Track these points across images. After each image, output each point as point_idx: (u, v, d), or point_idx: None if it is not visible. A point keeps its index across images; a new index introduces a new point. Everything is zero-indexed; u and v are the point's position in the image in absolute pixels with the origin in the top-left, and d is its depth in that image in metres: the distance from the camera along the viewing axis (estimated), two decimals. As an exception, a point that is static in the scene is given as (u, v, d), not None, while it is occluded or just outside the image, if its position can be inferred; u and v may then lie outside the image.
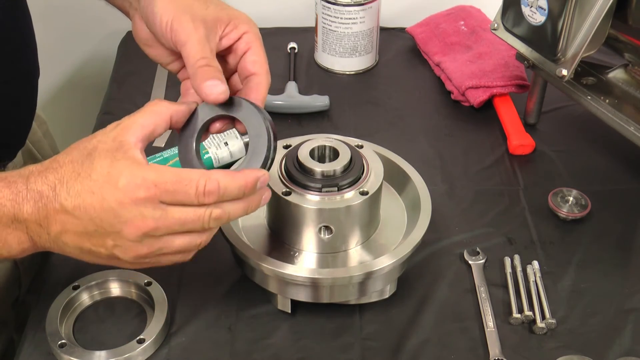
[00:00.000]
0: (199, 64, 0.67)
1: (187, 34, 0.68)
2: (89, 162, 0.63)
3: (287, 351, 0.77)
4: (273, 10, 1.33)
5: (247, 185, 0.64)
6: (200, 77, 0.67)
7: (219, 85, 0.66)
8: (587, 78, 0.97)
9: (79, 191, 0.62)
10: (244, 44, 0.72)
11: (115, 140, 0.64)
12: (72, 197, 0.62)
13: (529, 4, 0.91)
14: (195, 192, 0.62)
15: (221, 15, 0.71)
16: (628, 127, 0.89)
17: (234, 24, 0.72)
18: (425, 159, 1.00)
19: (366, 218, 0.78)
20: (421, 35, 1.21)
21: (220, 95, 0.66)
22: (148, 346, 0.75)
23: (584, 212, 0.90)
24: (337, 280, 0.74)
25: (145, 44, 0.76)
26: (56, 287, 0.80)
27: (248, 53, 0.72)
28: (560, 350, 0.76)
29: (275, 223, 0.80)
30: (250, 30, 0.72)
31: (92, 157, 0.63)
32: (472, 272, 0.84)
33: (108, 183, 0.61)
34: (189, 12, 0.69)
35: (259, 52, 0.72)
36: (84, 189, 0.62)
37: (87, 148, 0.64)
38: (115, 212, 0.61)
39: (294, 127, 1.06)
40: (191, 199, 0.62)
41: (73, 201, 0.62)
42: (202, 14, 0.70)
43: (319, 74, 1.19)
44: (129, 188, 0.61)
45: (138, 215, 0.61)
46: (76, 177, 0.62)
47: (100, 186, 0.61)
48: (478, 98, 1.07)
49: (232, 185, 0.63)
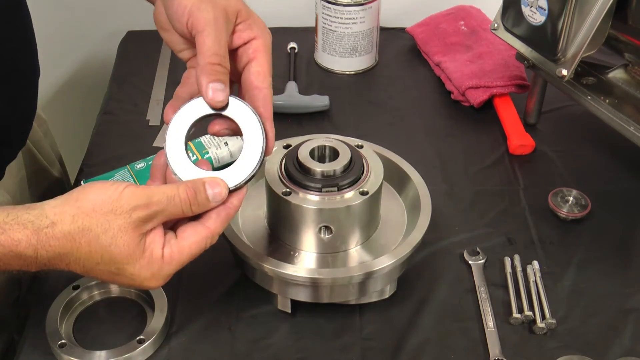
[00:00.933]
0: (211, 60, 0.67)
1: (206, 22, 0.67)
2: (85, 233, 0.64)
3: (287, 351, 0.77)
4: (273, 10, 1.32)
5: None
6: (207, 75, 0.67)
7: (221, 92, 0.67)
8: (587, 78, 0.97)
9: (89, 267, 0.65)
10: (251, 51, 0.71)
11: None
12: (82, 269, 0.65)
13: (529, 4, 0.91)
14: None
15: (242, 8, 0.70)
16: (628, 127, 0.89)
17: (249, 24, 0.71)
18: (425, 159, 1.00)
19: (366, 218, 0.78)
20: (421, 35, 1.21)
21: (219, 103, 0.67)
22: (148, 346, 0.75)
23: (584, 212, 0.90)
24: (337, 280, 0.74)
25: (161, 27, 0.74)
26: (56, 287, 0.80)
27: (253, 62, 0.71)
28: (560, 350, 0.76)
29: (275, 223, 0.80)
30: (261, 36, 0.71)
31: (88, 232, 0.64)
32: (472, 272, 0.84)
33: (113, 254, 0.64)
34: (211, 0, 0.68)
35: (263, 63, 0.71)
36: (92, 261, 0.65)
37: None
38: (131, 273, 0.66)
39: (294, 127, 1.06)
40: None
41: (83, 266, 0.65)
42: (223, 3, 0.69)
43: (319, 74, 1.19)
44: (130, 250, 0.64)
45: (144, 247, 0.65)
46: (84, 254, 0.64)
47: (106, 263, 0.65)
48: (478, 98, 1.07)
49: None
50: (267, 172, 0.77)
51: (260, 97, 0.69)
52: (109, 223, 0.63)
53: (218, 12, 0.68)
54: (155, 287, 0.68)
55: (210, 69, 0.67)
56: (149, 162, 0.93)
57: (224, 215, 0.67)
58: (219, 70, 0.67)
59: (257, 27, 0.71)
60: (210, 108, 0.68)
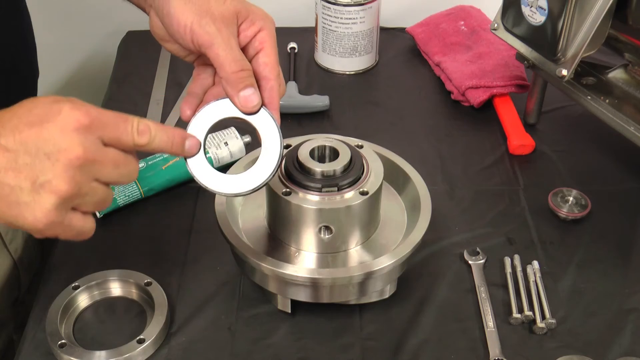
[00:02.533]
0: (232, 69, 0.67)
1: (211, 36, 0.68)
2: (28, 102, 0.61)
3: (287, 351, 0.77)
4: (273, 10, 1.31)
5: (175, 137, 0.66)
6: (234, 85, 0.68)
7: (253, 98, 0.68)
8: (587, 78, 0.97)
9: (16, 124, 0.60)
10: (257, 43, 0.71)
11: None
12: (7, 130, 0.59)
13: (529, 4, 0.91)
14: (132, 128, 0.62)
15: (239, 9, 0.70)
16: (628, 127, 0.89)
17: (251, 20, 0.71)
18: (425, 159, 1.00)
19: (366, 218, 0.78)
20: (421, 35, 1.21)
21: (254, 107, 0.68)
22: (148, 346, 0.75)
23: (584, 212, 0.90)
24: (337, 280, 0.74)
25: (161, 39, 0.75)
26: (56, 287, 0.80)
27: (260, 54, 0.71)
28: (560, 350, 0.76)
29: (275, 223, 0.80)
30: (265, 27, 0.71)
31: (32, 101, 0.61)
32: (472, 272, 0.84)
33: (50, 113, 0.60)
34: (208, 12, 0.68)
35: (270, 53, 0.71)
36: (22, 121, 0.60)
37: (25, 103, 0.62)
38: (55, 141, 0.59)
39: (294, 127, 1.06)
40: (127, 136, 0.62)
41: (7, 135, 0.59)
42: (220, 10, 0.69)
43: (319, 74, 1.19)
44: (72, 116, 0.60)
45: (79, 144, 0.60)
46: (12, 114, 0.60)
47: (40, 118, 0.60)
48: (478, 98, 1.07)
49: (162, 131, 0.64)
50: (267, 172, 0.77)
51: (267, 88, 0.70)
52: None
53: (218, 22, 0.68)
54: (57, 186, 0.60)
55: (235, 78, 0.67)
56: (149, 162, 0.93)
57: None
58: (243, 76, 0.68)
59: (259, 19, 0.71)
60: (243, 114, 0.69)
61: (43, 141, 0.59)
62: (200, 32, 0.68)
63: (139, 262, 0.83)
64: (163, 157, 0.93)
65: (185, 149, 0.67)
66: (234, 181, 0.69)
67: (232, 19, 0.69)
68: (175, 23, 0.69)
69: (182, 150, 0.67)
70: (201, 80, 0.73)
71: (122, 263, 0.82)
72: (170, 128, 0.65)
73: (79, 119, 0.60)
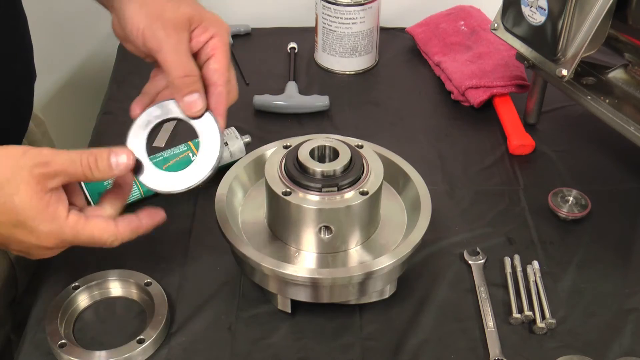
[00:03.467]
0: (178, 74, 0.69)
1: (160, 41, 0.69)
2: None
3: (287, 351, 0.77)
4: (273, 10, 1.33)
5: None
6: (179, 89, 0.69)
7: (197, 102, 0.70)
8: (587, 78, 0.97)
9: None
10: (209, 49, 0.72)
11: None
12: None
13: (529, 4, 0.91)
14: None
15: (193, 15, 0.71)
16: (628, 127, 0.89)
17: (204, 27, 0.72)
18: (425, 159, 1.00)
19: (366, 218, 0.78)
20: (421, 35, 1.21)
21: (198, 112, 0.70)
22: (148, 346, 0.75)
23: (584, 212, 0.90)
24: (337, 280, 0.74)
25: (122, 39, 0.77)
26: (56, 287, 0.80)
27: (211, 60, 0.72)
28: (560, 350, 0.76)
29: (275, 223, 0.80)
30: (218, 34, 0.72)
31: None
32: (472, 272, 0.84)
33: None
34: (160, 18, 0.70)
35: (221, 59, 0.72)
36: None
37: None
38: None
39: (294, 127, 1.06)
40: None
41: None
42: (173, 16, 0.70)
43: (319, 74, 1.19)
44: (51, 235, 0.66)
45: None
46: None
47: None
48: (478, 98, 1.07)
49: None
50: (267, 172, 0.77)
51: (215, 93, 0.71)
52: (12, 174, 0.64)
53: (169, 28, 0.70)
54: (47, 253, 0.69)
55: (180, 83, 0.69)
56: (149, 162, 0.93)
57: (134, 225, 0.70)
58: (188, 82, 0.69)
59: (212, 26, 0.72)
60: (188, 117, 0.71)
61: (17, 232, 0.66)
62: (150, 37, 0.70)
63: (139, 262, 0.83)
64: (163, 157, 0.93)
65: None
66: (169, 179, 0.71)
67: (184, 25, 0.71)
68: (130, 26, 0.71)
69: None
70: (156, 81, 0.75)
71: (122, 263, 0.82)
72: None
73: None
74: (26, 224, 0.65)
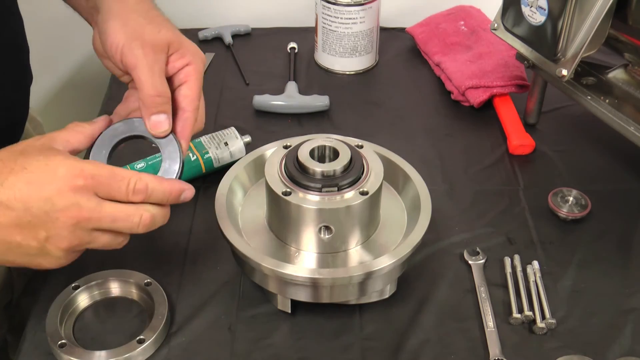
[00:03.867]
0: (149, 93, 0.71)
1: (136, 59, 0.71)
2: (22, 158, 0.64)
3: (287, 351, 0.77)
4: (273, 10, 1.33)
5: (171, 193, 0.69)
6: (148, 107, 0.71)
7: (164, 123, 0.72)
8: (587, 78, 0.97)
9: (14, 182, 0.63)
10: (183, 75, 0.74)
11: (44, 145, 0.67)
12: (5, 189, 0.63)
13: (529, 4, 0.91)
14: (126, 188, 0.66)
15: (172, 40, 0.73)
16: (628, 127, 0.89)
17: (181, 53, 0.74)
18: (425, 159, 1.00)
19: (366, 218, 0.78)
20: (421, 35, 1.21)
21: (162, 133, 0.72)
22: (148, 346, 0.75)
23: (584, 212, 0.90)
24: (337, 280, 0.74)
25: (100, 55, 0.79)
26: (56, 287, 0.80)
27: (184, 86, 0.74)
28: (560, 350, 0.76)
29: (275, 223, 0.80)
30: (193, 62, 0.74)
31: (25, 154, 0.65)
32: (472, 272, 0.84)
33: (46, 172, 0.64)
34: (140, 37, 0.72)
35: (193, 87, 0.74)
36: (19, 180, 0.63)
37: (16, 149, 0.66)
38: (53, 201, 0.63)
39: (294, 127, 1.06)
40: (122, 195, 0.66)
41: (7, 193, 0.63)
42: (152, 38, 0.72)
43: (319, 74, 1.19)
44: (68, 177, 0.64)
45: (75, 204, 0.64)
46: (9, 171, 0.63)
47: (37, 176, 0.63)
48: (478, 98, 1.07)
49: (159, 189, 0.68)
50: (267, 172, 0.77)
51: (182, 118, 0.74)
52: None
53: (147, 47, 0.71)
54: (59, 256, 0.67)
55: (150, 102, 0.71)
56: (149, 162, 0.93)
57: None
58: (158, 102, 0.71)
59: (189, 54, 0.74)
60: (137, 126, 0.73)
61: (43, 201, 0.63)
62: (128, 53, 0.71)
63: (139, 262, 0.83)
64: (157, 160, 0.93)
65: (180, 200, 0.71)
66: None
67: (163, 48, 0.73)
68: (109, 41, 0.73)
69: (176, 202, 0.71)
70: (129, 102, 0.77)
71: (122, 263, 0.82)
72: (169, 183, 0.69)
73: (74, 180, 0.64)
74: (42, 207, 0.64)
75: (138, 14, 0.74)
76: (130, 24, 0.73)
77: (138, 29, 0.72)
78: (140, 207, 0.67)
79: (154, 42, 0.72)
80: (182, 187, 0.70)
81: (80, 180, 0.64)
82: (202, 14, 1.31)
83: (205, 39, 1.24)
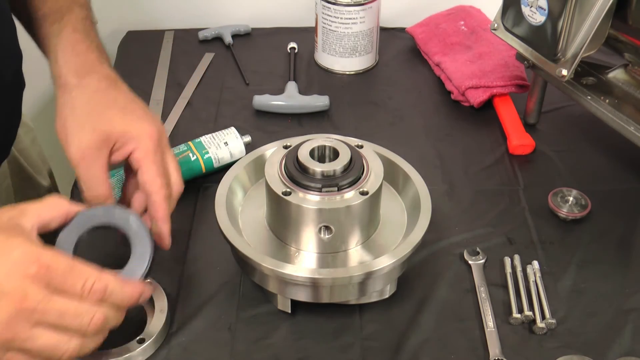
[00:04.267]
0: (89, 194, 0.73)
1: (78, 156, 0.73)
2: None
3: (287, 351, 0.77)
4: (273, 10, 1.33)
5: (132, 297, 0.66)
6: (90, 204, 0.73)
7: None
8: (587, 78, 0.97)
9: None
10: (134, 162, 0.75)
11: (11, 220, 0.64)
12: None
13: (529, 4, 0.91)
14: (82, 286, 0.62)
15: (110, 133, 0.74)
16: (628, 127, 0.89)
17: (122, 142, 0.74)
18: (425, 159, 1.00)
19: (366, 218, 0.78)
20: (421, 35, 1.21)
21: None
22: (148, 346, 0.75)
23: (584, 212, 0.90)
24: (337, 280, 0.74)
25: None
26: (56, 287, 0.80)
27: (139, 172, 0.74)
28: (560, 350, 0.76)
29: (275, 223, 0.80)
30: (138, 146, 0.74)
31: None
32: (472, 272, 0.84)
33: (2, 249, 0.60)
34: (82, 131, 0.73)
35: (146, 170, 0.74)
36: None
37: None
38: (0, 281, 0.59)
39: (294, 127, 1.06)
40: (75, 292, 0.62)
41: None
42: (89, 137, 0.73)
43: (319, 74, 1.19)
44: (21, 262, 0.60)
45: (21, 291, 0.59)
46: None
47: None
48: (478, 98, 1.07)
49: (119, 291, 0.64)
50: (267, 172, 0.77)
51: (152, 201, 0.74)
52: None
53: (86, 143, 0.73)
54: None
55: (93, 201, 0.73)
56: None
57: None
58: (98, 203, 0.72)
59: (131, 140, 0.74)
60: (107, 214, 0.71)
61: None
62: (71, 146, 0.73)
63: (139, 262, 0.83)
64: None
65: (139, 303, 0.67)
66: None
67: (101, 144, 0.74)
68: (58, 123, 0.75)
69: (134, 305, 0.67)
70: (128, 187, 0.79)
71: (122, 263, 0.82)
72: (131, 287, 0.66)
73: (27, 266, 0.60)
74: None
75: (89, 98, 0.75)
76: (76, 112, 0.74)
77: (80, 121, 0.74)
78: (93, 306, 0.62)
79: (91, 140, 0.73)
80: (142, 291, 0.67)
81: (33, 267, 0.59)
82: (202, 14, 1.31)
83: (205, 39, 1.24)
